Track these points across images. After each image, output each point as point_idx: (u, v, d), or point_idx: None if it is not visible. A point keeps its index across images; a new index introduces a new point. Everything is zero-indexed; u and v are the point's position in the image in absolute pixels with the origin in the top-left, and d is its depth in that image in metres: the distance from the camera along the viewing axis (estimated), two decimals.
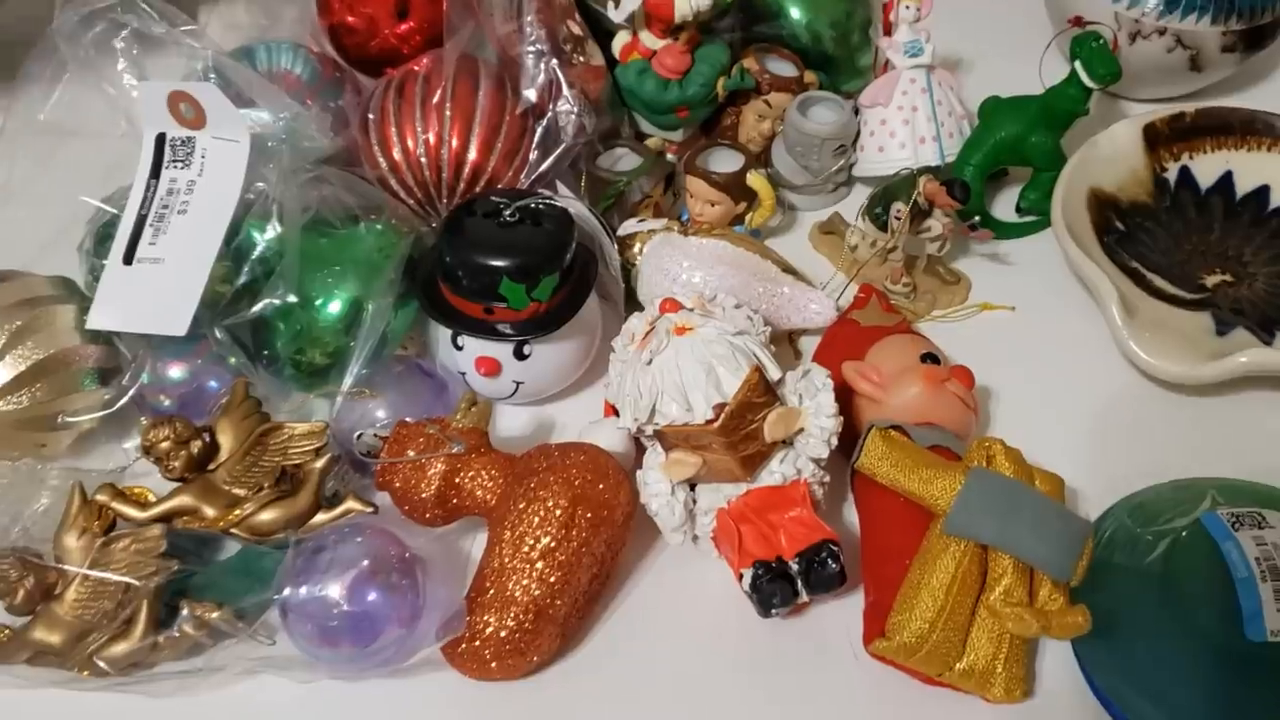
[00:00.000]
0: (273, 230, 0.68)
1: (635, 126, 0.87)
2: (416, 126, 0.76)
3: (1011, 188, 0.87)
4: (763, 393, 0.59)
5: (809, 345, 0.76)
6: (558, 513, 0.58)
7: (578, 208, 0.73)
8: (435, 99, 0.76)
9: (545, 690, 0.60)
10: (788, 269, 0.77)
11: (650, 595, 0.64)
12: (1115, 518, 0.64)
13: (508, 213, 0.68)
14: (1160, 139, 0.81)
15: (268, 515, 0.63)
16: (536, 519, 0.58)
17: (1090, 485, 0.67)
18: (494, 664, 0.58)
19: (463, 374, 0.71)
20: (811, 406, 0.61)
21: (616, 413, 0.64)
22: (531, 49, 0.77)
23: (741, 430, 0.58)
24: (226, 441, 0.65)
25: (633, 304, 0.77)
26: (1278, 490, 0.64)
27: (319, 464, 0.65)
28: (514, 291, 0.67)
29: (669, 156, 0.86)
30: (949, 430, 0.63)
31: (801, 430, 0.61)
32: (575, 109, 0.77)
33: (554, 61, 0.77)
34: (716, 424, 0.57)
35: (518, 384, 0.71)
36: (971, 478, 0.57)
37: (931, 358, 0.67)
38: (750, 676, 0.60)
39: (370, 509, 0.65)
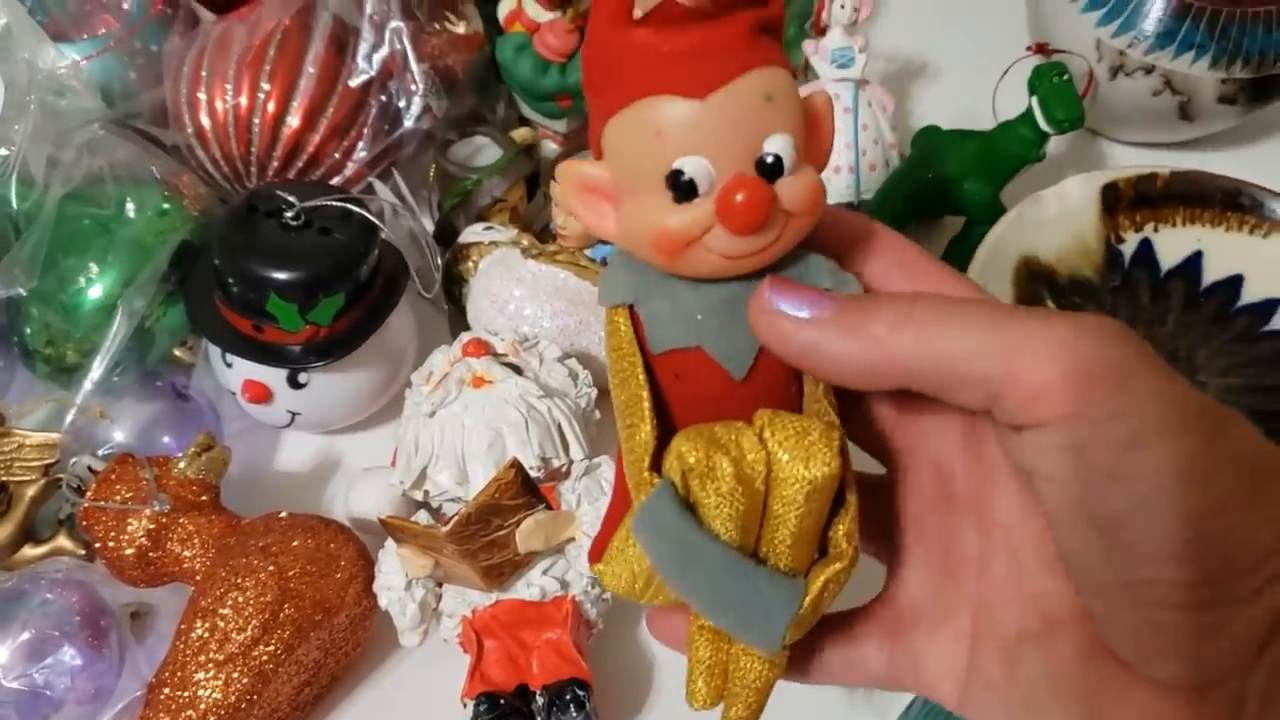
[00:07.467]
0: (16, 203, 0.58)
1: (518, 109, 0.74)
2: (228, 86, 0.64)
3: (948, 234, 0.74)
4: (519, 494, 0.47)
5: None
6: (257, 609, 0.48)
7: (402, 208, 0.61)
8: (251, 56, 0.64)
9: None
10: None
11: (385, 704, 0.54)
12: None
13: (289, 214, 0.57)
14: (1121, 203, 0.67)
15: None
16: (232, 611, 0.48)
17: None
18: None
19: (234, 394, 0.60)
20: (589, 514, 0.49)
21: None
22: (376, 11, 0.64)
23: (483, 537, 0.47)
24: None
25: (463, 328, 0.65)
26: None
27: (31, 490, 0.56)
28: (284, 311, 0.56)
29: (551, 149, 0.73)
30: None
31: (572, 540, 0.50)
32: (420, 87, 0.65)
33: (402, 28, 0.65)
34: (445, 529, 0.46)
35: (293, 414, 0.60)
36: (645, 506, 0.28)
37: (686, 183, 0.26)
38: None
39: (82, 552, 0.56)
